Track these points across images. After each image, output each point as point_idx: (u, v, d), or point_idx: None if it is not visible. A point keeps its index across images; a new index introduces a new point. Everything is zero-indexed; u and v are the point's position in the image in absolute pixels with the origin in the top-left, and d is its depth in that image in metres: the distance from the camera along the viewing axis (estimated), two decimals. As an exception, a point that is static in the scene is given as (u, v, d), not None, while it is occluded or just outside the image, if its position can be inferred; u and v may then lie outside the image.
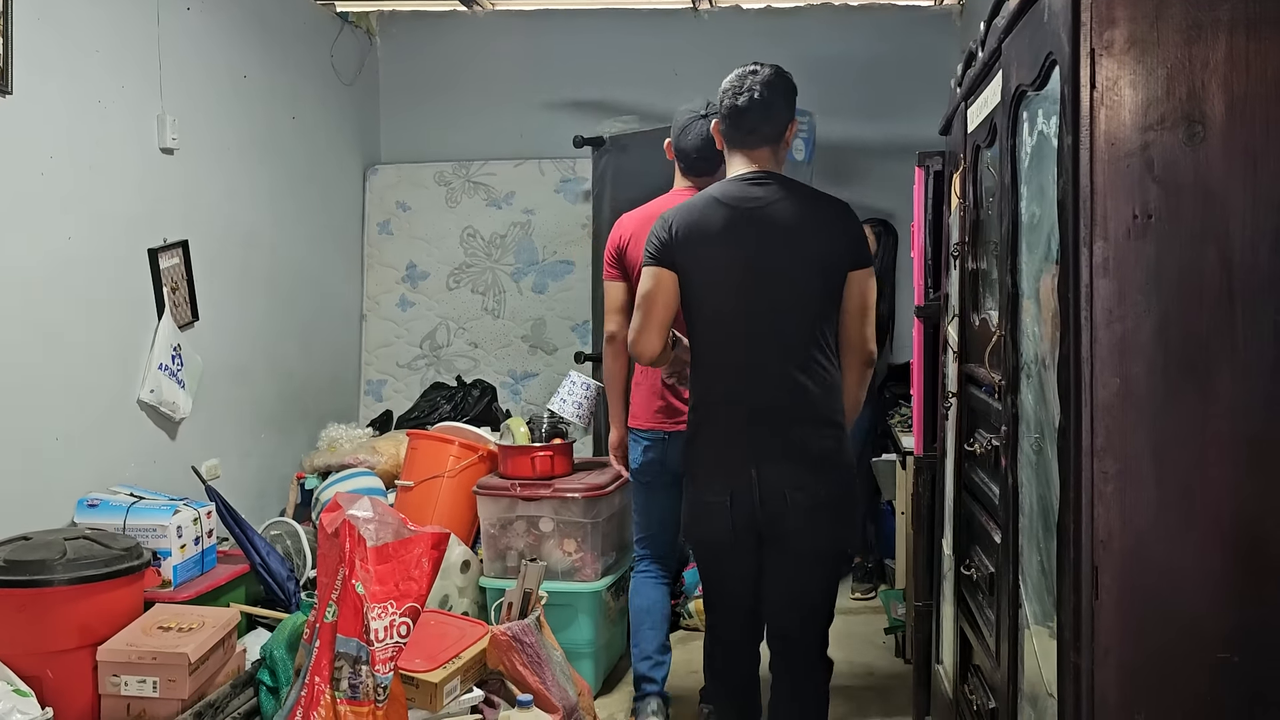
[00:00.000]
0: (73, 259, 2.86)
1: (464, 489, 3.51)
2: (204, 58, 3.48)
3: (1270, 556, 1.30)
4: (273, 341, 3.93)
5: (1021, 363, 1.67)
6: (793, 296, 2.25)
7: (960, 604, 2.21)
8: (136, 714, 2.39)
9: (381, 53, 4.91)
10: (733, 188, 2.31)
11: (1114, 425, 1.31)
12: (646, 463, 2.93)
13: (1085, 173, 1.30)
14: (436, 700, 2.51)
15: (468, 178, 4.82)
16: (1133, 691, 1.33)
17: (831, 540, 2.31)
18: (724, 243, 2.26)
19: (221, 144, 3.58)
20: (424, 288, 4.81)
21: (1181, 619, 1.31)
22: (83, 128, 2.91)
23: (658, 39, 4.74)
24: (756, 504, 2.22)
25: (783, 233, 2.26)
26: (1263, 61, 1.27)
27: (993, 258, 1.92)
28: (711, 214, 2.28)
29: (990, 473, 1.92)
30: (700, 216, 2.29)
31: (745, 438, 2.25)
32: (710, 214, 2.29)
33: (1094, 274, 1.30)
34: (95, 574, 2.42)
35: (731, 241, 2.26)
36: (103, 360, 2.98)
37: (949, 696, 2.35)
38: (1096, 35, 1.29)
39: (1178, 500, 1.30)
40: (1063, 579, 1.38)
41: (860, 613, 4.02)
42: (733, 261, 2.26)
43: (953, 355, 2.34)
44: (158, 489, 3.00)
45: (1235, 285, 1.28)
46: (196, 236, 3.39)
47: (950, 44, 4.46)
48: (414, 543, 2.31)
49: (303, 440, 4.09)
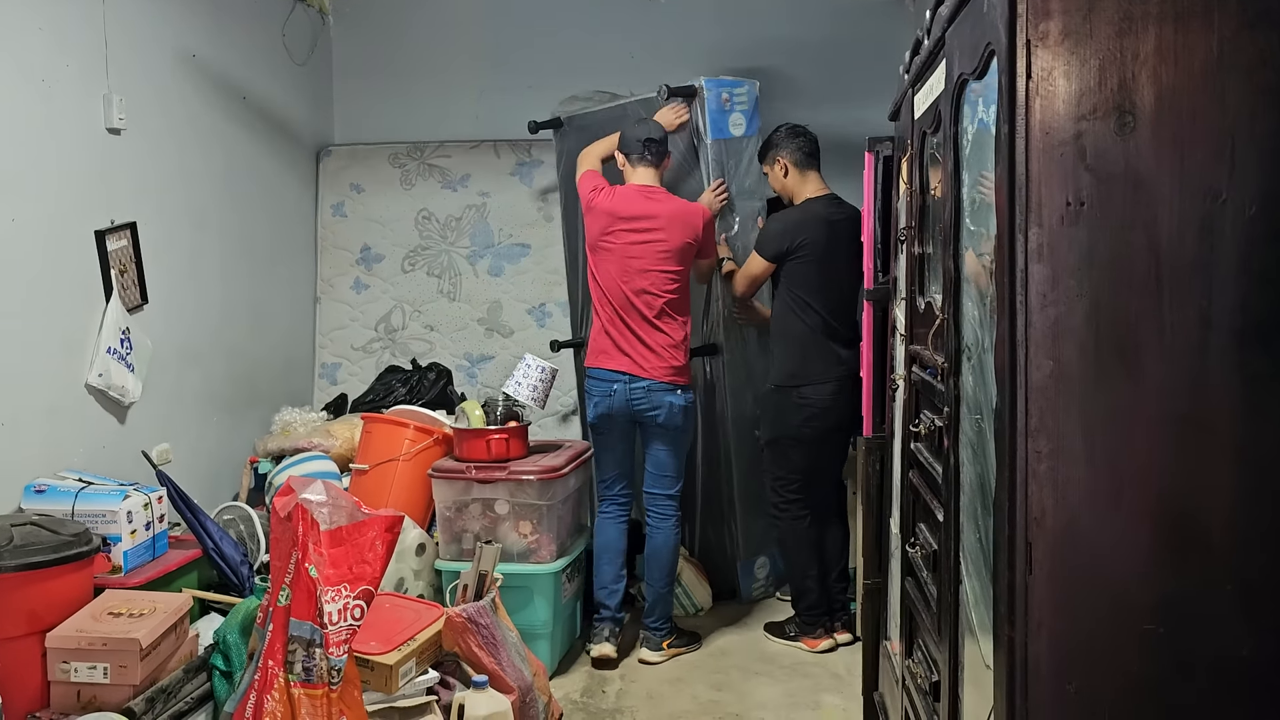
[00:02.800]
0: (16, 241, 2.81)
1: (419, 472, 3.51)
2: (152, 36, 3.42)
3: (1194, 531, 1.35)
4: (224, 324, 3.88)
5: (963, 345, 1.71)
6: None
7: (906, 580, 2.26)
8: (87, 700, 2.38)
9: (335, 32, 4.84)
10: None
11: (1047, 406, 1.35)
12: (599, 416, 3.47)
13: (1021, 160, 1.34)
14: (392, 682, 2.53)
15: (423, 160, 4.79)
16: (1065, 662, 1.38)
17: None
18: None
19: (170, 124, 3.52)
20: (379, 270, 4.77)
21: (1110, 592, 1.36)
22: (26, 107, 2.85)
23: (615, 21, 4.73)
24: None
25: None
26: (1189, 54, 1.31)
27: (938, 242, 1.96)
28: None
29: (934, 452, 1.97)
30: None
31: None
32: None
33: (1029, 259, 1.34)
34: (43, 560, 2.40)
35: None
36: (49, 344, 2.94)
37: (896, 671, 2.41)
38: (1032, 27, 1.32)
39: (1107, 478, 1.35)
40: (998, 555, 1.43)
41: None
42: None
43: (900, 338, 2.39)
44: (107, 474, 2.96)
45: (1163, 270, 1.33)
46: (145, 218, 3.34)
47: (904, 29, 4.48)
48: (368, 526, 2.32)
49: (256, 424, 4.06)
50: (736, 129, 3.87)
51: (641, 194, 3.45)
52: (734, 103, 3.86)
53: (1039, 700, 1.37)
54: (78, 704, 2.37)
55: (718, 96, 3.82)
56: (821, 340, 3.47)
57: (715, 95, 3.81)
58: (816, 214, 3.51)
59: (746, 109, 3.89)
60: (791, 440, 3.52)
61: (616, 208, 3.43)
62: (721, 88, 3.83)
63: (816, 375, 3.46)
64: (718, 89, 3.82)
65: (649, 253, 3.39)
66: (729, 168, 3.86)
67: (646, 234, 3.40)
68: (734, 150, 3.87)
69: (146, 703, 2.35)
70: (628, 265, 3.39)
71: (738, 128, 3.87)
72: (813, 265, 3.47)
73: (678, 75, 4.35)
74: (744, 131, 3.88)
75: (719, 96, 3.82)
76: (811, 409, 3.46)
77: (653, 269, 3.39)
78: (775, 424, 3.57)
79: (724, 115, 3.83)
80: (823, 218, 3.49)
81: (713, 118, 3.81)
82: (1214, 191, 1.32)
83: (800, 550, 3.58)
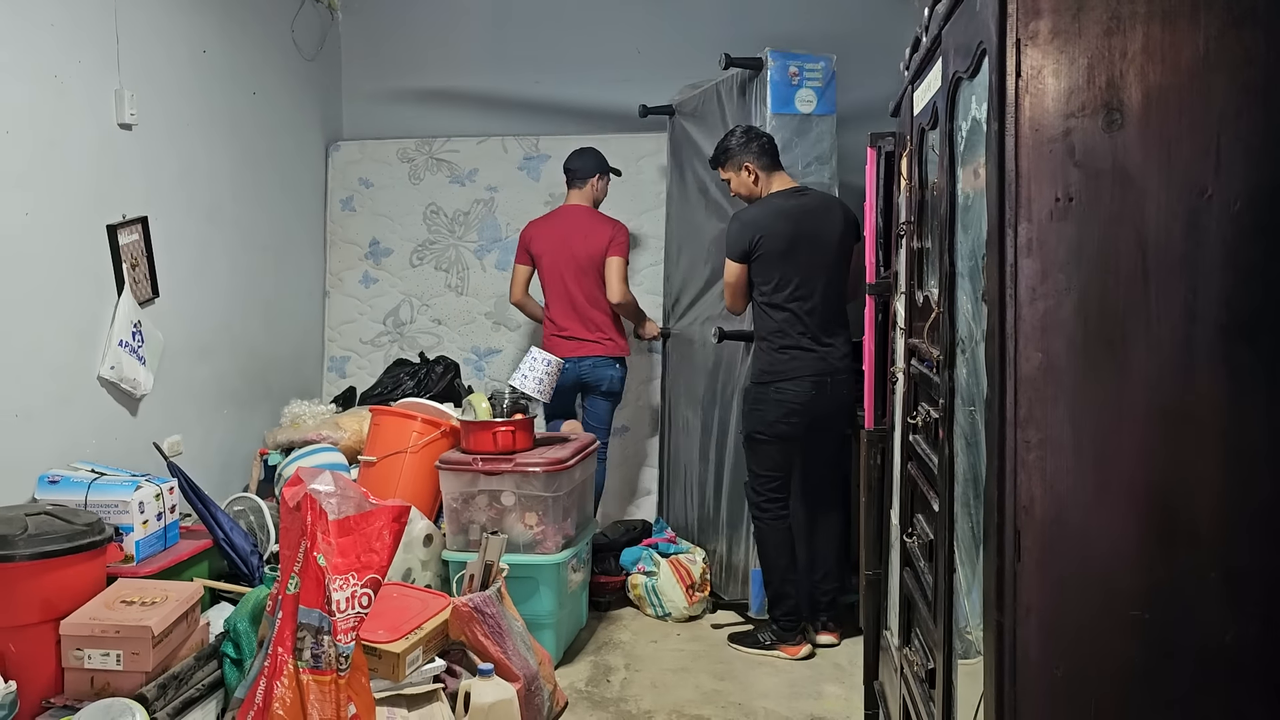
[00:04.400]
0: (30, 235, 2.85)
1: (426, 464, 3.55)
2: (163, 32, 3.46)
3: (1180, 520, 1.38)
4: (235, 318, 3.93)
5: (958, 338, 1.74)
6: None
7: (904, 570, 2.29)
8: (100, 687, 2.43)
9: (343, 27, 4.89)
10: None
11: (1036, 397, 1.38)
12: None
13: (1010, 157, 1.37)
14: (399, 670, 2.57)
15: (431, 154, 4.82)
16: (1053, 647, 1.41)
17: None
18: None
19: (181, 119, 3.57)
20: (387, 264, 4.82)
21: (1098, 579, 1.39)
22: (39, 103, 2.89)
23: (620, 16, 4.76)
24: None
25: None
26: (1176, 53, 1.33)
27: (935, 236, 1.99)
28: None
29: (931, 444, 2.00)
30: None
31: None
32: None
33: (1018, 254, 1.37)
34: (57, 549, 2.45)
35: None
36: (62, 337, 2.98)
37: (895, 660, 2.44)
38: (1022, 26, 1.35)
39: (1095, 468, 1.38)
40: (987, 543, 1.46)
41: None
42: None
43: (900, 331, 2.42)
44: (119, 465, 3.01)
45: (1150, 265, 1.36)
46: (156, 212, 3.39)
47: (909, 26, 4.50)
48: (375, 515, 2.35)
49: (265, 416, 4.11)
50: (805, 105, 3.71)
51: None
52: (804, 77, 3.70)
53: (1027, 684, 1.41)
54: (91, 690, 2.42)
55: (784, 69, 3.68)
56: (793, 336, 3.38)
57: (781, 68, 3.69)
58: (776, 207, 3.42)
59: (819, 85, 3.71)
60: (765, 438, 3.44)
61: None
62: (790, 61, 3.69)
63: (790, 371, 3.37)
64: (785, 61, 3.69)
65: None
66: (793, 144, 3.72)
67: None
68: (802, 129, 3.73)
69: (159, 689, 2.40)
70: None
71: (806, 104, 3.71)
72: (775, 260, 3.38)
73: (684, 71, 4.40)
74: (814, 109, 3.73)
75: (785, 69, 3.68)
76: (786, 406, 3.38)
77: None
78: (750, 420, 3.48)
79: (790, 90, 3.68)
80: (783, 210, 3.41)
81: (776, 90, 3.68)
82: (1200, 187, 1.34)
83: (778, 552, 3.47)
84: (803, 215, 3.41)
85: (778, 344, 3.40)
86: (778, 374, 3.38)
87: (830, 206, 3.46)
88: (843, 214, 3.48)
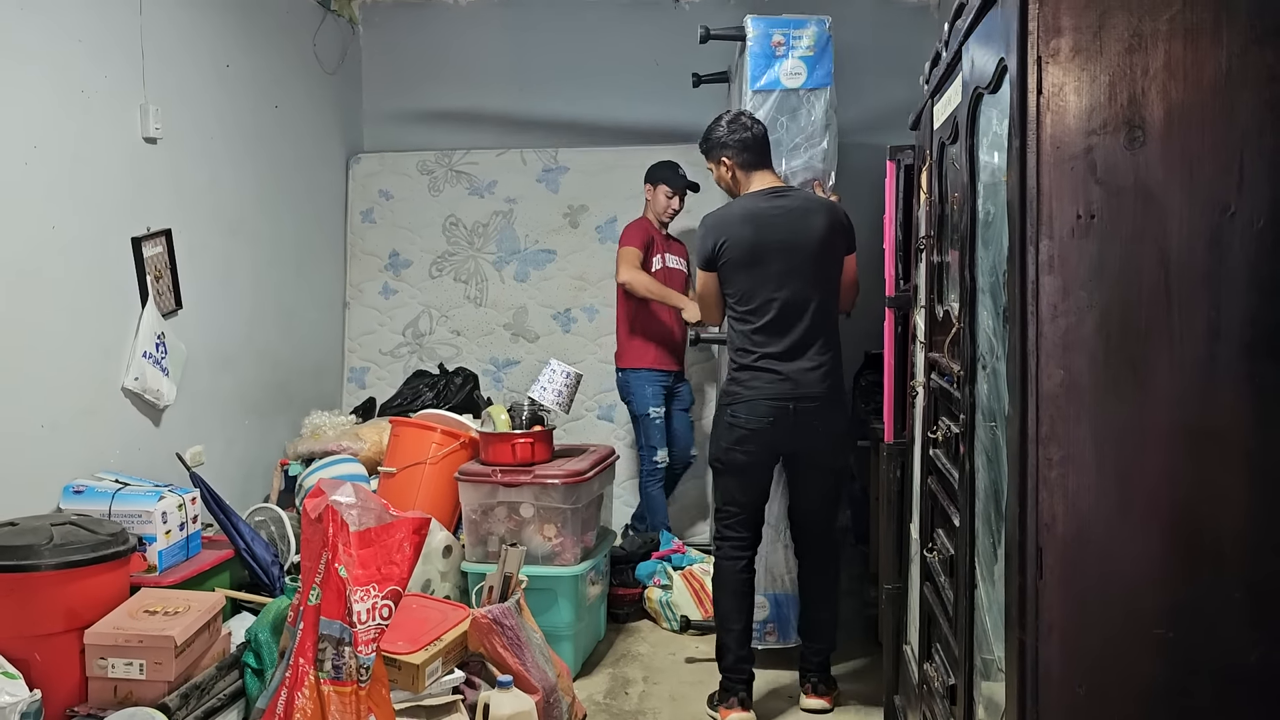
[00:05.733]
0: (57, 248, 2.89)
1: (446, 475, 3.56)
2: (187, 47, 3.50)
3: (1203, 538, 1.37)
4: (256, 329, 3.96)
5: (979, 354, 1.74)
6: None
7: (924, 585, 2.28)
8: (123, 696, 2.44)
9: (364, 41, 4.94)
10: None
11: (1058, 415, 1.38)
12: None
13: (1032, 174, 1.37)
14: (418, 681, 2.58)
15: (450, 166, 4.86)
16: (1075, 665, 1.40)
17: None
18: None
19: (205, 133, 3.61)
20: (406, 276, 4.85)
21: (1120, 597, 1.39)
22: (66, 117, 2.93)
23: (637, 29, 4.78)
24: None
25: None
26: (1199, 70, 1.33)
27: (955, 251, 1.99)
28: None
29: (951, 459, 1.99)
30: None
31: None
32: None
33: (1040, 271, 1.37)
34: (82, 559, 2.47)
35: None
36: (87, 348, 3.02)
37: (915, 675, 2.43)
38: (1043, 44, 1.35)
39: (1117, 485, 1.38)
40: (1010, 560, 1.45)
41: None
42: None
43: (920, 345, 2.42)
44: (142, 475, 3.04)
45: (1172, 282, 1.36)
46: (180, 225, 3.42)
47: (928, 38, 4.50)
48: (396, 527, 2.37)
49: (286, 427, 4.14)
50: (792, 79, 3.24)
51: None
52: (790, 46, 3.25)
53: (1049, 702, 1.40)
54: (114, 699, 2.44)
55: (766, 38, 3.23)
56: (752, 355, 2.98)
57: (763, 37, 3.22)
58: (744, 210, 3.02)
59: (809, 54, 3.22)
60: (720, 464, 3.07)
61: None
62: (775, 28, 3.26)
63: (742, 395, 2.97)
64: (768, 29, 3.25)
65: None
66: (778, 124, 3.27)
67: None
68: (788, 106, 3.29)
69: (181, 699, 2.42)
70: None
71: (794, 77, 3.24)
72: (739, 268, 2.99)
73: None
74: (803, 83, 3.24)
75: (768, 38, 3.23)
76: (740, 431, 2.97)
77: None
78: (710, 443, 3.14)
79: (773, 61, 3.23)
80: (752, 213, 2.99)
81: (756, 64, 3.23)
82: (1223, 204, 1.34)
83: (724, 595, 3.06)
84: (774, 219, 2.98)
85: (736, 363, 3.04)
86: (732, 396, 3.01)
87: (812, 210, 3.02)
88: (827, 218, 3.00)
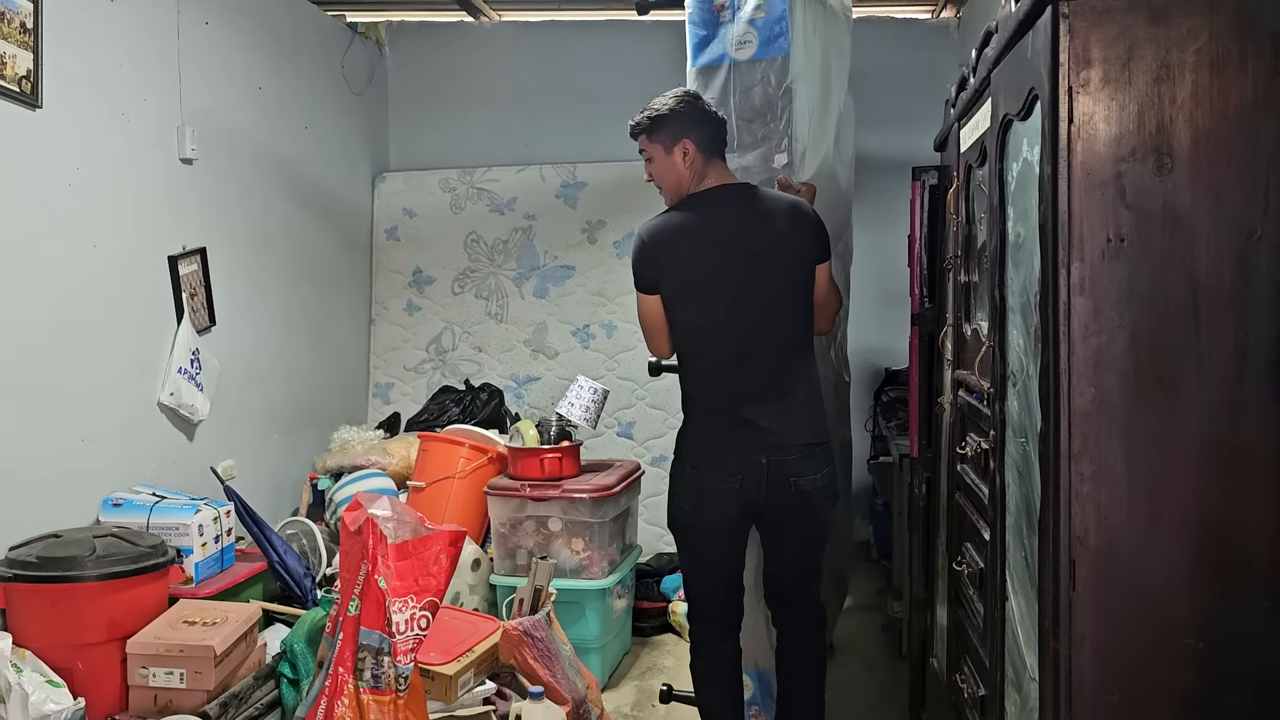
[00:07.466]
0: (97, 266, 2.96)
1: (474, 489, 3.62)
2: (222, 70, 3.59)
3: (1233, 550, 1.41)
4: (285, 345, 4.03)
5: (1009, 371, 1.78)
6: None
7: (952, 598, 2.32)
8: (164, 705, 2.50)
9: (390, 62, 5.03)
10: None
11: (1089, 431, 1.42)
12: None
13: (1064, 199, 1.42)
14: (451, 692, 2.62)
15: (471, 184, 4.93)
16: (1108, 675, 1.44)
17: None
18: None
19: (238, 153, 3.69)
20: (430, 292, 4.91)
21: (1152, 608, 1.43)
22: (107, 139, 3.01)
23: (657, 49, 4.84)
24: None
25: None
26: (1225, 99, 1.38)
27: (984, 272, 2.03)
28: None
29: (980, 474, 2.03)
30: None
31: None
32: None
33: (1071, 292, 1.42)
34: (124, 570, 2.53)
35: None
36: (125, 363, 3.09)
37: (943, 687, 2.47)
38: (1074, 74, 1.40)
39: (1148, 499, 1.42)
40: (1043, 572, 1.49)
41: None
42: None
43: (947, 362, 2.46)
44: (177, 489, 3.10)
45: (1200, 303, 1.40)
46: (214, 243, 3.50)
47: (947, 58, 4.57)
48: (432, 540, 2.42)
49: (314, 442, 4.20)
50: (741, 49, 2.66)
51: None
52: (735, 8, 2.67)
53: (1082, 712, 1.44)
54: (155, 708, 2.49)
55: (707, 3, 2.66)
56: (709, 402, 2.42)
57: (703, 3, 2.65)
58: (688, 217, 2.40)
59: (762, 18, 2.62)
60: (679, 528, 2.51)
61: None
62: None
63: (712, 447, 2.40)
64: None
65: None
66: (724, 102, 2.72)
67: None
68: (741, 82, 2.71)
69: (220, 707, 2.47)
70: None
71: (743, 48, 2.65)
72: (688, 290, 2.40)
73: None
74: (754, 53, 2.66)
75: (708, 3, 2.67)
76: (703, 492, 2.41)
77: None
78: (668, 500, 2.54)
79: (716, 29, 2.68)
80: (699, 220, 2.38)
81: (695, 33, 2.68)
82: (1249, 228, 1.39)
83: (708, 684, 2.57)
84: (728, 226, 2.39)
85: (689, 409, 2.48)
86: (692, 447, 2.46)
87: (775, 210, 2.41)
88: (793, 220, 2.41)
